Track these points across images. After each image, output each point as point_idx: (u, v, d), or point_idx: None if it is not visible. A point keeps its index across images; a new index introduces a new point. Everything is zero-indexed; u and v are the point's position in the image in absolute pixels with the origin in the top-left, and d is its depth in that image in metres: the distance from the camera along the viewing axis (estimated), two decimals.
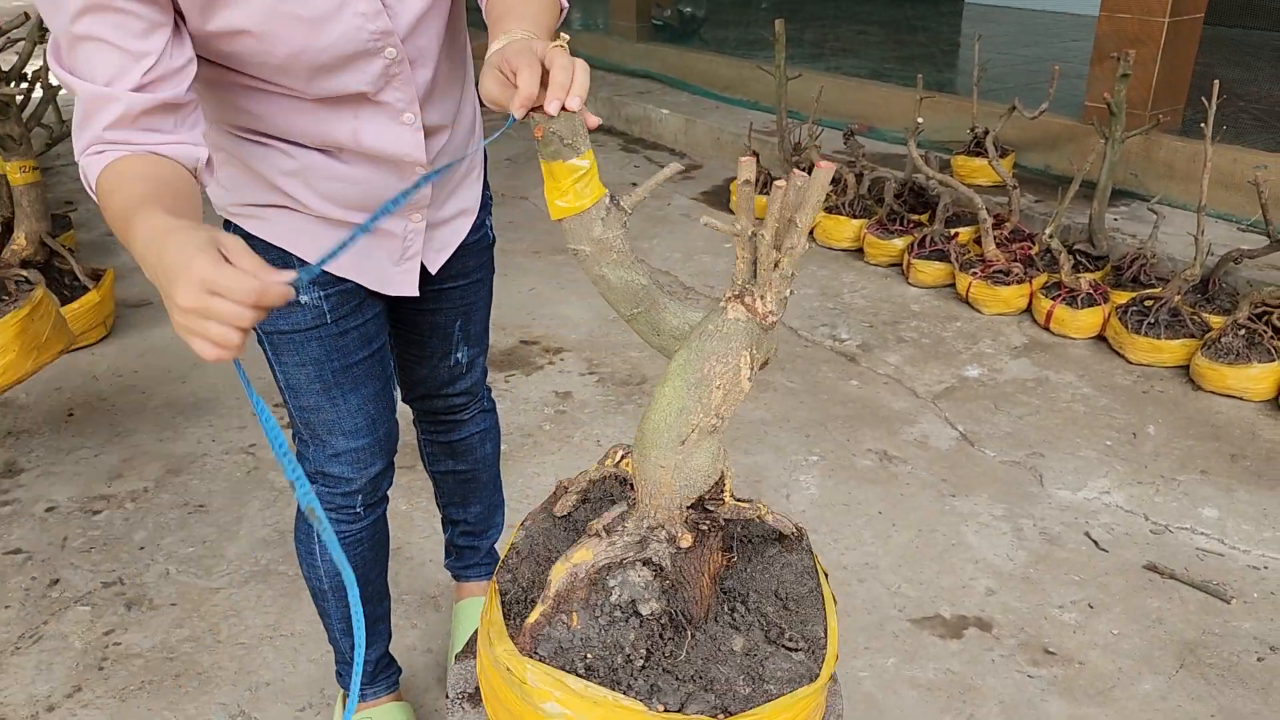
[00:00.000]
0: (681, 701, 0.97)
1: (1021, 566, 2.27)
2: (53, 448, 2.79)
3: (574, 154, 0.98)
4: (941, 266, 3.68)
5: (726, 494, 1.08)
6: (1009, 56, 6.44)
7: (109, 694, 1.95)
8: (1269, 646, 2.03)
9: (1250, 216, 3.69)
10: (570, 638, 1.01)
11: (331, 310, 1.43)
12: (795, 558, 1.16)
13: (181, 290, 0.85)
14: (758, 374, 1.01)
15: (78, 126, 1.10)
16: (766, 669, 1.03)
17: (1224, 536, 2.36)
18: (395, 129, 1.32)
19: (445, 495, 1.94)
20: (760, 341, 0.97)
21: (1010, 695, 1.93)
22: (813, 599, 1.11)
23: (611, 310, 3.82)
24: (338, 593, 1.66)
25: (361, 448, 1.53)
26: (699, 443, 0.98)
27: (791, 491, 2.54)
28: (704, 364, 0.96)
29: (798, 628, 1.07)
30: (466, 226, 1.56)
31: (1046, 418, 2.86)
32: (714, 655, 1.03)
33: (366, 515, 1.61)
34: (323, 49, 1.19)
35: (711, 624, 1.07)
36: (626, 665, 1.00)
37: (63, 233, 3.92)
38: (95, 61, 1.06)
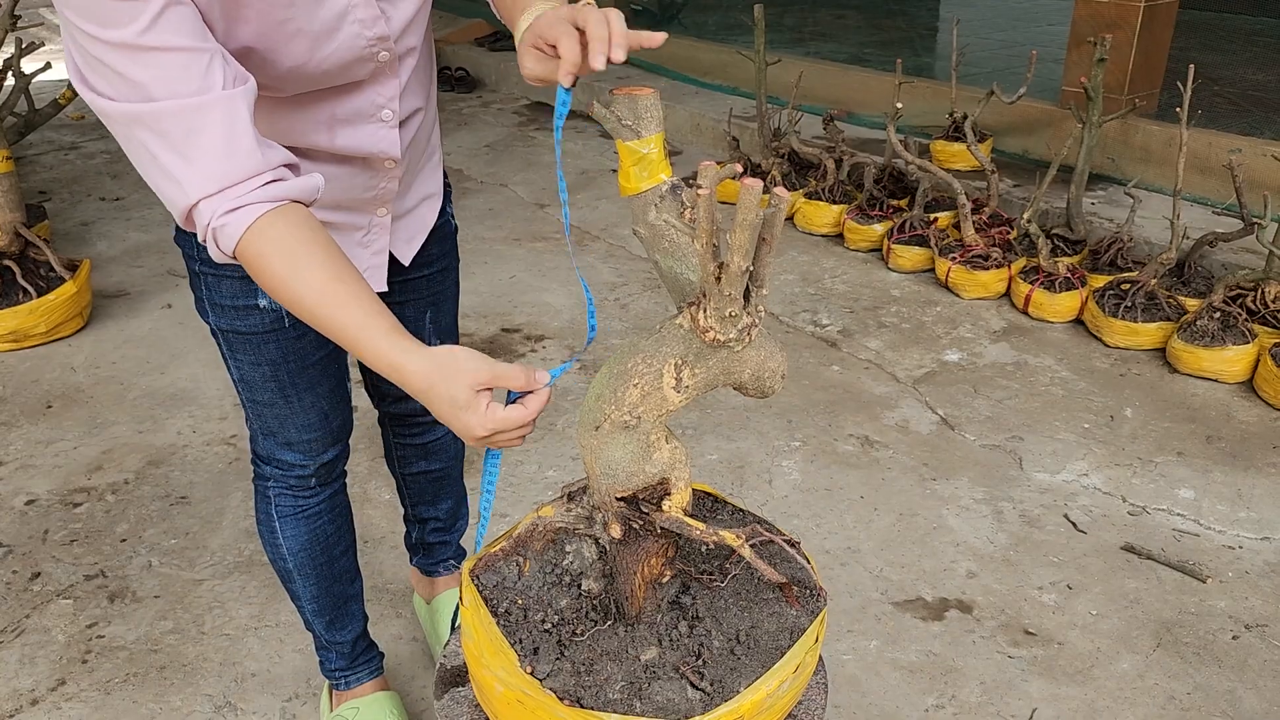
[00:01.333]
0: (547, 673, 0.98)
1: (1002, 549, 2.30)
2: (31, 440, 2.77)
3: (634, 136, 0.96)
4: (921, 251, 3.70)
5: (669, 503, 1.01)
6: (986, 41, 6.47)
7: (93, 687, 1.95)
8: (1244, 625, 2.07)
9: (1225, 200, 3.73)
10: (516, 580, 1.07)
11: (290, 314, 1.39)
12: (793, 613, 1.06)
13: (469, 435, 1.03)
14: (735, 396, 0.97)
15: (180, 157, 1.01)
16: (651, 688, 0.98)
17: (1200, 517, 2.39)
18: (372, 127, 1.31)
19: (415, 495, 1.91)
20: (701, 357, 0.91)
21: (991, 676, 1.96)
22: (768, 656, 1.01)
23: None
24: (302, 570, 1.65)
25: (314, 439, 1.52)
26: (612, 435, 0.96)
27: (774, 477, 2.56)
28: (631, 358, 0.94)
29: (722, 671, 1.00)
30: (433, 212, 1.54)
31: (1025, 401, 2.89)
32: (615, 653, 1.01)
33: (322, 490, 1.61)
34: (323, 59, 1.17)
35: (642, 627, 1.04)
36: (539, 623, 1.04)
37: (37, 223, 3.89)
38: (164, 71, 0.99)
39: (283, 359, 1.43)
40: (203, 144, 1.02)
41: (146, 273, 3.87)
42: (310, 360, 1.45)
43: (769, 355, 0.95)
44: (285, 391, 1.46)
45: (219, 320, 1.41)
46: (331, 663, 1.79)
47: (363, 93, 1.26)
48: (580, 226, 4.27)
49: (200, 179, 1.03)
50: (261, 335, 1.40)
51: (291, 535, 1.62)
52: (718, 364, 0.92)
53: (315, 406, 1.49)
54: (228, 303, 1.38)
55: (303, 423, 1.50)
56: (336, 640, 1.76)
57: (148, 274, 3.85)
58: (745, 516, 1.16)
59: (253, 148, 1.04)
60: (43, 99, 3.74)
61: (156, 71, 0.99)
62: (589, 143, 5.42)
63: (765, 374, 0.96)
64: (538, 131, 5.73)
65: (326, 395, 1.50)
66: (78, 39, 0.99)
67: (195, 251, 1.36)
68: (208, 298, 1.40)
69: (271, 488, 1.59)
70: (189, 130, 1.01)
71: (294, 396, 1.47)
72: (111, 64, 0.99)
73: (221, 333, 1.42)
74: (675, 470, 1.01)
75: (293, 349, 1.43)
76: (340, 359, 1.52)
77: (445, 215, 1.60)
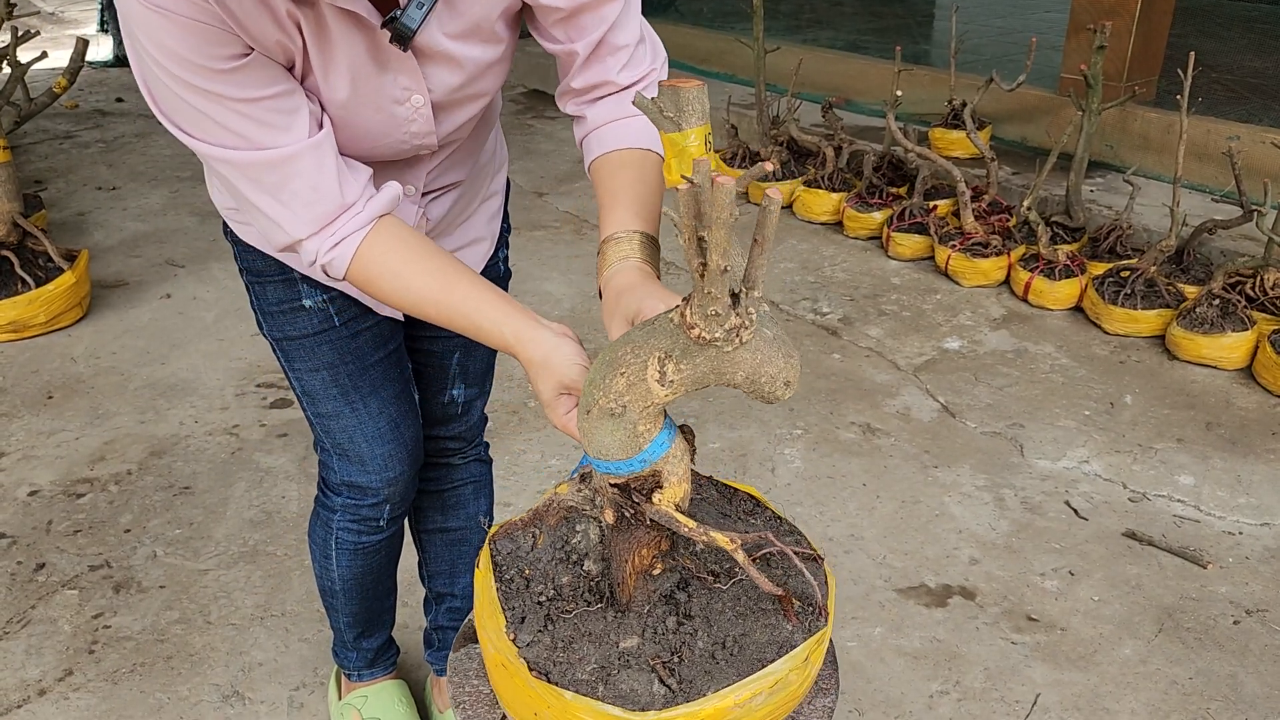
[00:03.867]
0: (528, 642, 1.00)
1: (1004, 536, 2.31)
2: (33, 431, 2.77)
3: (674, 128, 0.96)
4: (920, 239, 3.70)
5: (661, 496, 1.00)
6: (985, 28, 6.46)
7: (100, 677, 1.95)
8: (1244, 610, 2.08)
9: (1224, 187, 3.73)
10: (526, 551, 1.08)
11: (339, 313, 1.37)
12: (789, 627, 1.01)
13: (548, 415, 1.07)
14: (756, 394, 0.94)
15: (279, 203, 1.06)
16: (618, 676, 0.98)
17: (1200, 503, 2.41)
18: None
19: (433, 563, 1.78)
20: (688, 353, 0.89)
21: (994, 661, 1.97)
22: (748, 666, 0.98)
23: (591, 286, 3.82)
24: (348, 594, 1.65)
25: (386, 454, 1.46)
26: (601, 420, 0.95)
27: (777, 465, 2.57)
28: (622, 347, 0.94)
29: (694, 672, 0.98)
30: (479, 257, 1.48)
31: (1026, 389, 2.90)
32: (596, 636, 1.02)
33: (389, 527, 1.57)
34: (366, 149, 1.17)
35: (630, 616, 1.03)
36: (536, 594, 1.05)
37: (34, 213, 3.87)
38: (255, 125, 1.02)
39: (339, 360, 1.39)
40: (295, 189, 1.05)
41: (145, 263, 3.86)
42: (370, 360, 1.41)
43: (766, 360, 0.90)
44: (349, 396, 1.41)
45: (271, 328, 1.39)
46: (351, 662, 1.80)
47: (396, 169, 1.24)
48: (580, 216, 4.27)
49: (298, 223, 1.07)
50: (313, 337, 1.37)
51: (346, 566, 1.60)
52: (706, 362, 0.90)
53: (383, 413, 1.43)
54: (274, 308, 1.36)
55: (372, 432, 1.44)
56: (364, 646, 1.78)
57: (146, 264, 3.84)
58: (781, 525, 1.13)
59: (343, 185, 1.08)
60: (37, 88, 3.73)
61: (245, 122, 1.01)
62: None
63: (762, 379, 0.92)
64: (535, 120, 5.72)
65: (393, 400, 1.44)
66: (161, 77, 0.98)
67: (241, 258, 1.36)
68: (257, 306, 1.39)
69: (336, 519, 1.55)
70: (282, 179, 1.05)
71: (358, 402, 1.41)
72: (199, 108, 1.00)
73: (276, 342, 1.40)
74: (669, 465, 0.99)
75: (348, 348, 1.39)
76: (403, 363, 1.47)
77: (495, 259, 1.52)
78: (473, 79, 1.16)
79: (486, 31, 1.12)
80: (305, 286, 1.35)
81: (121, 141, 5.36)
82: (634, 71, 1.17)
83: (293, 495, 2.47)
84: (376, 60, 1.08)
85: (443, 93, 1.15)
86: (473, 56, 1.13)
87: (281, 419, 2.80)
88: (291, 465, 2.59)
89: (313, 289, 1.35)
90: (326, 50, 1.04)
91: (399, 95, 1.12)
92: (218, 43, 0.96)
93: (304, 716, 1.87)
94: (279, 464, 2.59)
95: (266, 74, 1.01)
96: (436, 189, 1.33)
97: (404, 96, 1.13)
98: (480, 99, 1.21)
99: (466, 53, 1.12)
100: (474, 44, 1.12)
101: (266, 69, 1.01)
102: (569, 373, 1.03)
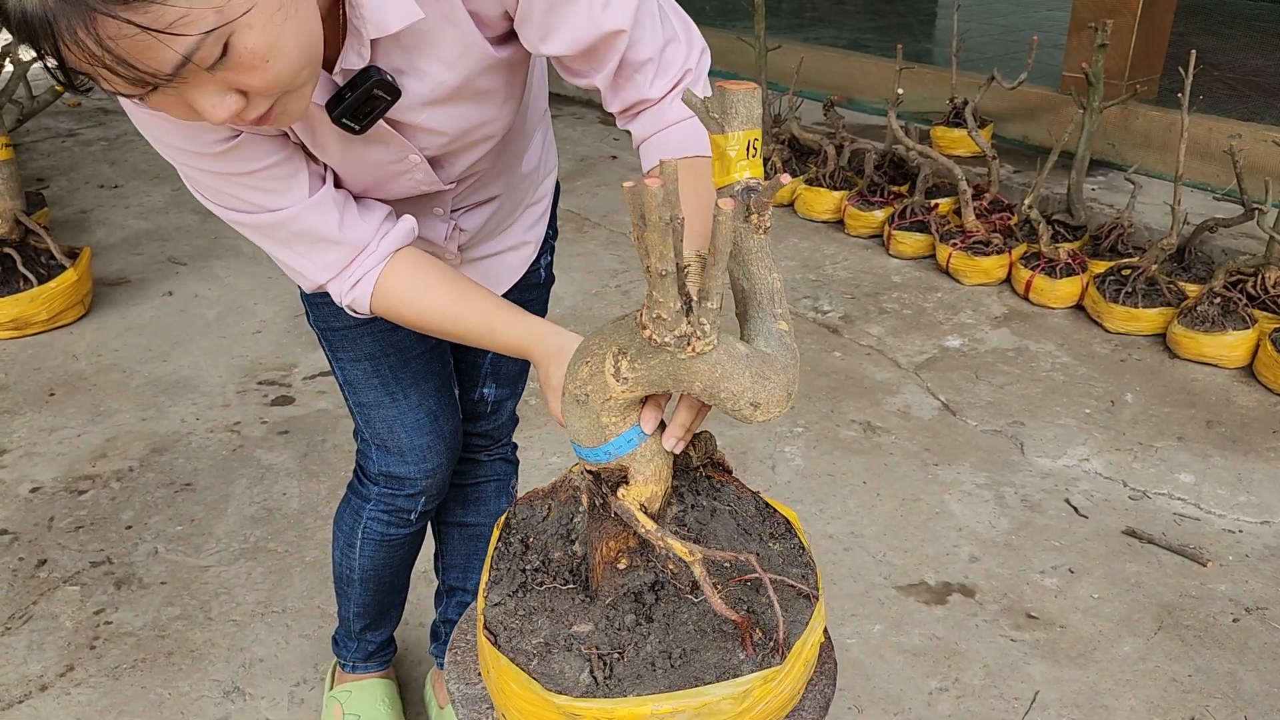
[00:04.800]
0: (495, 602, 1.04)
1: (1004, 533, 2.31)
2: (35, 428, 2.77)
3: (718, 129, 0.96)
4: (922, 237, 3.70)
5: (626, 492, 1.00)
6: (987, 26, 6.45)
7: (102, 672, 1.96)
8: (1244, 608, 2.09)
9: (1225, 186, 3.73)
10: (538, 521, 1.12)
11: None
12: (740, 658, 0.97)
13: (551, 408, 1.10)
14: None
15: (298, 255, 1.14)
16: (553, 656, 0.99)
17: (1200, 501, 2.41)
18: (422, 219, 1.29)
19: (449, 555, 1.78)
20: (643, 354, 0.89)
21: (994, 659, 1.97)
22: (683, 681, 0.96)
23: (593, 284, 3.81)
24: (365, 584, 1.66)
25: (425, 445, 1.47)
26: (569, 405, 0.97)
27: (777, 463, 2.57)
28: (593, 337, 0.96)
29: (629, 674, 0.97)
30: (521, 261, 1.48)
31: (1027, 387, 2.90)
32: (556, 615, 1.03)
33: (417, 523, 1.58)
34: (379, 194, 1.20)
35: (595, 604, 1.04)
36: (528, 562, 1.08)
37: (36, 210, 3.88)
38: (256, 192, 1.08)
39: (381, 353, 1.40)
40: (306, 243, 1.13)
41: (147, 260, 3.86)
42: (412, 354, 1.42)
43: (726, 375, 0.88)
44: (390, 388, 1.43)
45: (317, 319, 1.40)
46: (350, 652, 1.80)
47: (411, 202, 1.26)
48: (580, 213, 4.27)
49: (316, 270, 1.16)
50: (356, 329, 1.38)
51: (369, 556, 1.61)
52: (661, 366, 0.89)
53: (422, 405, 1.45)
54: (320, 298, 1.36)
55: (412, 423, 1.45)
56: (368, 639, 1.79)
57: (148, 261, 3.85)
58: (800, 556, 1.10)
59: (351, 232, 1.14)
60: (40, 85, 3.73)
61: (248, 190, 1.09)
62: (589, 129, 5.41)
63: (722, 394, 0.88)
64: None
65: (433, 394, 1.46)
66: (175, 157, 1.08)
67: None
68: (304, 295, 1.40)
69: (368, 509, 1.55)
70: (290, 235, 1.13)
71: (399, 393, 1.43)
72: (208, 182, 1.09)
73: (321, 332, 1.41)
74: (636, 463, 0.99)
75: (390, 340, 1.40)
76: (444, 357, 1.49)
77: (537, 265, 1.53)
78: (465, 134, 1.15)
79: (470, 91, 1.09)
80: None
81: (124, 140, 5.37)
82: (665, 79, 1.12)
83: (294, 492, 2.48)
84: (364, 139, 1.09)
85: (436, 150, 1.16)
86: (457, 116, 1.12)
87: (283, 416, 2.80)
88: (292, 462, 2.59)
89: None
90: (308, 132, 1.09)
91: (392, 158, 1.14)
92: (206, 131, 1.03)
93: (304, 712, 1.87)
94: (280, 461, 2.60)
95: (259, 149, 1.06)
96: (468, 205, 1.34)
97: (398, 157, 1.14)
98: (485, 142, 1.20)
99: (448, 119, 1.11)
100: (459, 105, 1.10)
101: (258, 144, 1.06)
102: None
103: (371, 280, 1.15)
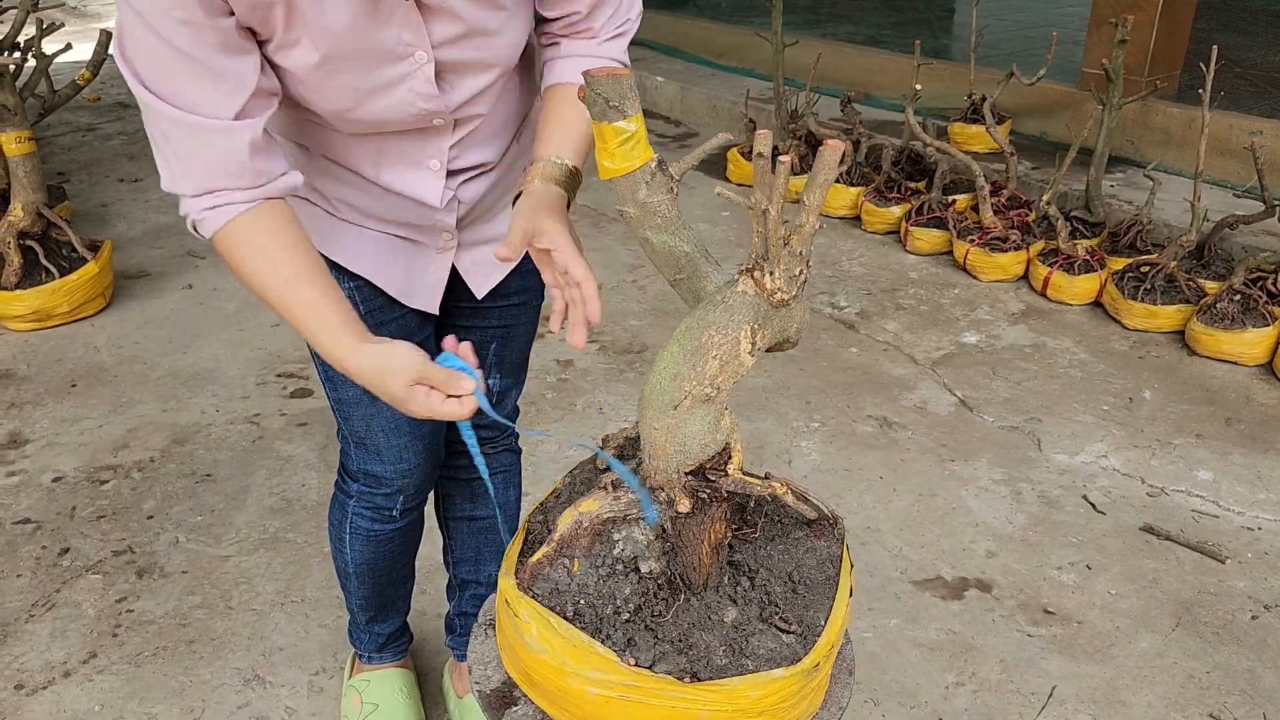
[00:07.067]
0: (653, 659, 0.99)
1: (1021, 529, 2.31)
2: (57, 419, 2.80)
3: (620, 116, 0.97)
4: (939, 234, 3.69)
5: (732, 465, 1.05)
6: (1005, 22, 6.42)
7: (123, 660, 1.98)
8: (1263, 605, 2.08)
9: (1246, 182, 3.71)
10: (568, 582, 1.05)
11: (365, 301, 1.38)
12: (823, 544, 1.13)
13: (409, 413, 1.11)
14: (775, 353, 1.02)
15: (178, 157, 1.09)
16: (750, 644, 1.02)
17: (1219, 499, 2.40)
18: (416, 172, 1.28)
19: (458, 549, 1.77)
20: (768, 318, 0.97)
21: (1011, 654, 1.97)
22: (826, 587, 1.09)
23: (611, 278, 3.82)
24: (361, 577, 1.67)
25: (402, 445, 1.48)
26: (693, 410, 0.98)
27: (793, 457, 2.57)
28: (703, 333, 0.96)
29: (798, 611, 1.05)
30: None
31: (1044, 383, 2.89)
32: (702, 622, 1.03)
33: (403, 518, 1.59)
34: (368, 112, 1.18)
35: (710, 593, 1.06)
36: (614, 616, 1.03)
37: (57, 204, 3.91)
38: (193, 85, 1.05)
39: None
40: (202, 157, 1.09)
41: (166, 254, 3.89)
42: None
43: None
44: None
45: None
46: (363, 644, 1.82)
47: (411, 140, 1.25)
48: (598, 209, 4.28)
49: (188, 182, 1.11)
50: None
51: (360, 551, 1.62)
52: (778, 322, 0.98)
53: None
54: None
55: (388, 424, 1.45)
56: (376, 631, 1.80)
57: (168, 255, 3.88)
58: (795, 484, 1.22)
59: (240, 170, 1.10)
60: (61, 80, 3.76)
61: (182, 80, 1.05)
62: None
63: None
64: None
65: None
66: (136, 21, 1.03)
67: None
68: None
69: (352, 505, 1.57)
70: (193, 145, 1.08)
71: None
72: (150, 47, 1.03)
73: None
74: (734, 434, 1.05)
75: None
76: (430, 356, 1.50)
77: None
78: (474, 34, 1.16)
79: None
80: (334, 273, 1.35)
81: (143, 134, 5.39)
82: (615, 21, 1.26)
83: (312, 483, 2.49)
84: (377, 12, 1.09)
85: (445, 47, 1.16)
86: (474, 14, 1.15)
87: (302, 408, 2.82)
88: (311, 454, 2.61)
89: (339, 274, 1.36)
90: None
91: (401, 50, 1.13)
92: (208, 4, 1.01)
93: (323, 700, 1.89)
94: (299, 452, 2.62)
95: (225, 42, 1.04)
96: (466, 170, 1.33)
97: (407, 52, 1.14)
98: (489, 69, 1.22)
99: (468, 9, 1.14)
100: (477, 4, 1.14)
101: (226, 38, 1.04)
102: (413, 363, 1.08)
103: (231, 213, 1.11)
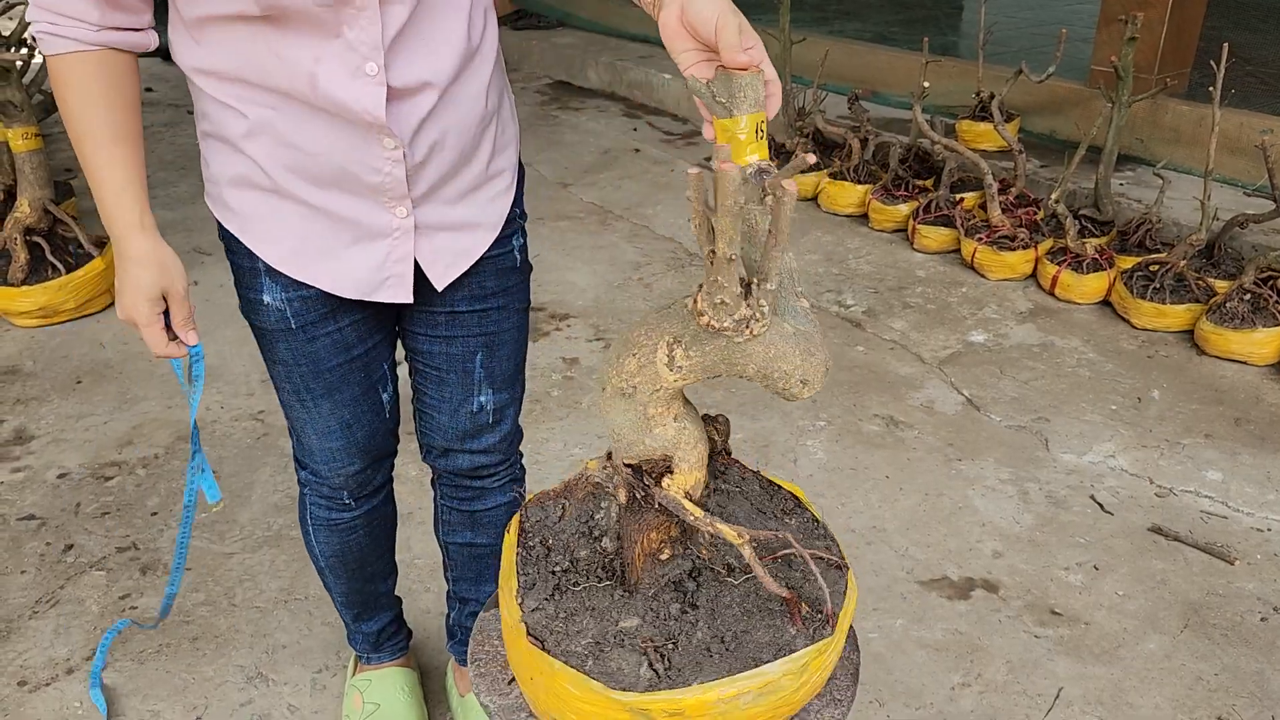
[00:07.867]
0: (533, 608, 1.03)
1: (1028, 529, 2.30)
2: (62, 415, 2.80)
3: (725, 113, 0.96)
4: (946, 232, 3.67)
5: (671, 482, 1.00)
6: (1014, 19, 6.39)
7: (127, 657, 1.98)
8: (1271, 607, 2.06)
9: (1256, 181, 3.68)
10: (553, 521, 1.11)
11: (296, 316, 1.33)
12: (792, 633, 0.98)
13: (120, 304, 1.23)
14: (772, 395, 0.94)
15: None
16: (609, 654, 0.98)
17: (1227, 499, 2.38)
18: (357, 83, 1.15)
19: (457, 569, 1.73)
20: (697, 339, 0.89)
21: (1017, 655, 1.96)
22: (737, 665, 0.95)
23: (616, 276, 3.79)
24: (334, 571, 1.66)
25: (335, 449, 1.46)
26: (613, 399, 0.96)
27: (799, 456, 2.56)
28: (637, 328, 0.95)
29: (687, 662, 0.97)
30: (483, 241, 1.37)
31: (1052, 382, 2.88)
32: (600, 612, 1.02)
33: (359, 505, 1.57)
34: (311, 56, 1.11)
35: (636, 597, 1.03)
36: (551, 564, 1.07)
37: (64, 200, 3.91)
38: None
39: (294, 361, 1.38)
40: None
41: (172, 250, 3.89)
42: (325, 366, 1.38)
43: (781, 355, 0.90)
44: (300, 395, 1.41)
45: (242, 307, 1.39)
46: (357, 644, 1.82)
47: (341, 36, 1.13)
48: (604, 206, 4.27)
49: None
50: (271, 333, 1.36)
51: (324, 542, 1.61)
52: (716, 351, 0.90)
53: (334, 414, 1.43)
54: (242, 291, 1.36)
55: (321, 429, 1.44)
56: (362, 630, 1.79)
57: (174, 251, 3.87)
58: (816, 528, 1.11)
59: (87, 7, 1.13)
60: None
61: None
62: (611, 121, 5.41)
63: (775, 374, 0.91)
64: (560, 111, 5.72)
65: (348, 404, 1.43)
66: None
67: (220, 229, 1.35)
68: (234, 280, 1.38)
69: (307, 494, 1.58)
70: None
71: (309, 401, 1.41)
72: None
73: (248, 322, 1.40)
74: (680, 450, 0.99)
75: (303, 352, 1.37)
76: (369, 368, 1.43)
77: (508, 247, 1.42)
78: None
79: None
80: (267, 280, 1.32)
81: (150, 131, 5.41)
82: None
83: None
84: None
85: None
86: None
87: None
88: None
89: (274, 283, 1.32)
90: None
91: None
92: None
93: (326, 698, 1.89)
94: None
95: None
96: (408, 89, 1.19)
97: None
98: None
99: None
100: None
101: None
102: (178, 283, 1.19)
103: (67, 46, 1.15)
